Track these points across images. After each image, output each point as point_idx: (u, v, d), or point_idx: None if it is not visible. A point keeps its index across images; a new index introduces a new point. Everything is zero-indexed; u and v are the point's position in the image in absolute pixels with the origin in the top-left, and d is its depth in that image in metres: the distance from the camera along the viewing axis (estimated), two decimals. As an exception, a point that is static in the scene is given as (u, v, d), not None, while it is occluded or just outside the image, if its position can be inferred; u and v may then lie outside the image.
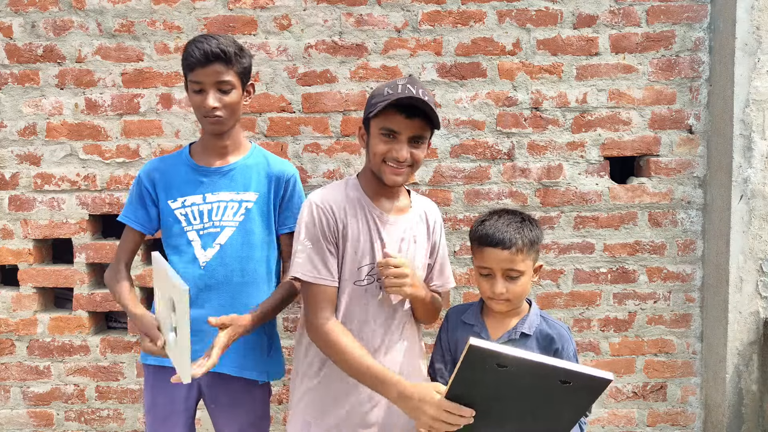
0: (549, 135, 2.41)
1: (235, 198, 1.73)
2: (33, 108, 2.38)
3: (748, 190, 2.29)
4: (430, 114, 1.46)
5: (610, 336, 2.46)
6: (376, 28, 2.37)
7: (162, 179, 1.75)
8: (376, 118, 1.48)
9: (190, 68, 1.63)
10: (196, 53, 1.60)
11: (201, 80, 1.63)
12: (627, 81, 2.40)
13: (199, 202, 1.72)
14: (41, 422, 2.45)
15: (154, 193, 1.75)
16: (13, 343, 2.43)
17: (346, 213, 1.53)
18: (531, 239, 1.54)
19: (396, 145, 1.47)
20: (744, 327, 2.32)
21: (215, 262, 1.70)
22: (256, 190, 1.75)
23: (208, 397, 1.76)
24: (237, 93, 1.67)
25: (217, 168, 1.74)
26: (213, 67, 1.61)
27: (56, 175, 2.39)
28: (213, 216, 1.72)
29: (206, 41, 1.61)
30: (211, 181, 1.73)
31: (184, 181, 1.74)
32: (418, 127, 1.47)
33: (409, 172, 1.52)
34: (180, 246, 1.73)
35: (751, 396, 2.34)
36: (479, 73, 2.39)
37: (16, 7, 2.35)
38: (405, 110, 1.44)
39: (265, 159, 1.80)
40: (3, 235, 2.41)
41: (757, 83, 2.26)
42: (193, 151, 1.79)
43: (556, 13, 2.37)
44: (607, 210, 2.43)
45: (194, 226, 1.72)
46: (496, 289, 1.52)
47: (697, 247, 2.45)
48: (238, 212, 1.72)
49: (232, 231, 1.72)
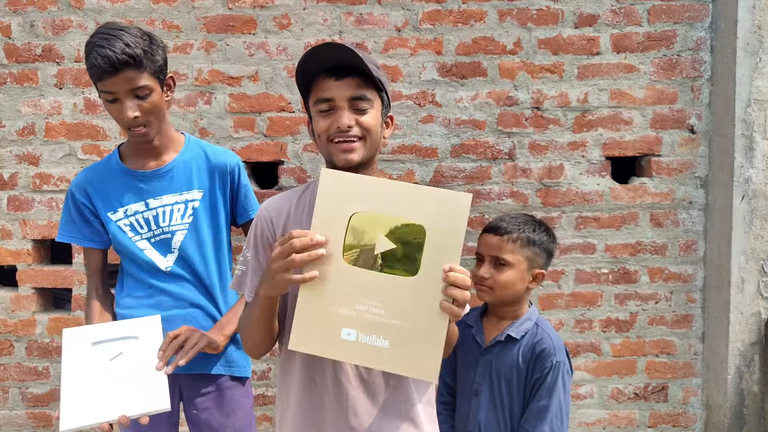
0: (550, 135, 2.40)
1: (179, 199, 1.62)
2: (32, 108, 2.37)
3: (749, 190, 2.28)
4: (361, 66, 1.22)
5: (611, 337, 2.46)
6: (376, 27, 2.36)
7: (96, 191, 1.62)
8: (310, 96, 1.29)
9: (98, 77, 1.45)
10: (100, 62, 1.41)
11: (113, 90, 1.46)
12: (628, 80, 2.39)
13: (142, 210, 1.61)
14: (40, 423, 2.44)
15: (92, 206, 1.62)
16: (12, 343, 2.42)
17: (288, 219, 1.33)
18: (529, 237, 1.54)
19: (336, 114, 1.24)
20: (745, 328, 2.31)
21: (179, 264, 1.63)
22: (200, 188, 1.64)
23: (188, 399, 1.69)
24: (156, 94, 1.51)
25: (155, 171, 1.61)
26: (123, 75, 1.43)
27: (55, 175, 2.38)
28: (160, 222, 1.61)
29: (109, 45, 1.41)
30: (151, 186, 1.61)
31: (121, 190, 1.61)
32: (354, 85, 1.24)
33: (362, 146, 1.26)
34: (134, 257, 1.63)
35: (752, 397, 2.33)
36: (480, 73, 2.38)
37: (14, 7, 2.34)
38: (332, 73, 1.23)
39: (202, 151, 1.67)
40: (2, 236, 2.40)
41: (758, 83, 2.25)
42: (123, 154, 1.65)
43: (557, 13, 2.36)
44: (608, 210, 2.42)
45: (143, 235, 1.61)
46: (480, 273, 1.53)
47: (698, 247, 2.44)
48: (186, 213, 1.62)
49: (183, 234, 1.62)
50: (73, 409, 1.38)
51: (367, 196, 1.10)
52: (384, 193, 1.10)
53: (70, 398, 1.40)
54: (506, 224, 1.55)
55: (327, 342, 1.13)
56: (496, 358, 1.56)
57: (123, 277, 1.70)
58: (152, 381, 1.44)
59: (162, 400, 1.42)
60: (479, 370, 1.58)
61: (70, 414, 1.37)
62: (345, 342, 1.12)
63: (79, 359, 1.45)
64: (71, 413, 1.37)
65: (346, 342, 1.12)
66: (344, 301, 1.11)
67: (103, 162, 1.67)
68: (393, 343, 1.11)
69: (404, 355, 1.12)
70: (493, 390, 1.55)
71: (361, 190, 1.10)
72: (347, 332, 1.12)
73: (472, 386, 1.59)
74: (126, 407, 1.39)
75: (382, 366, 1.15)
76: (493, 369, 1.56)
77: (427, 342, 1.11)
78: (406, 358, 1.12)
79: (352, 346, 1.12)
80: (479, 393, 1.56)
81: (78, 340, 1.47)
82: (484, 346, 1.59)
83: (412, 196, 1.10)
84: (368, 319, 1.11)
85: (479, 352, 1.59)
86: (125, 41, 1.42)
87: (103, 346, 1.48)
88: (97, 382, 1.43)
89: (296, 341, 1.13)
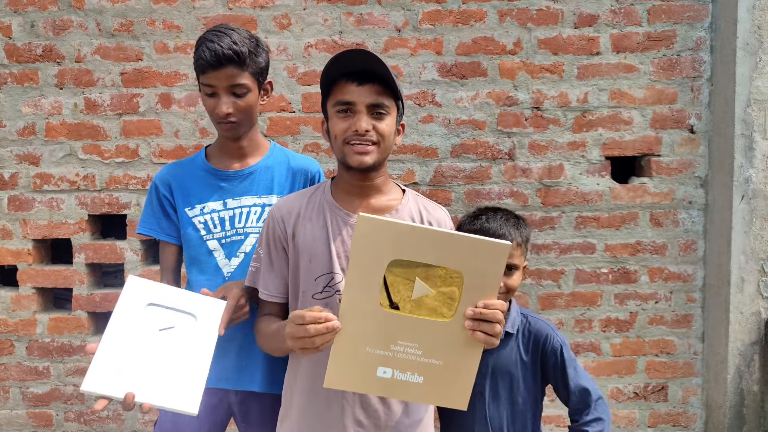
0: (550, 135, 2.40)
1: (258, 202, 1.61)
2: (32, 108, 2.38)
3: (749, 190, 2.28)
4: (385, 76, 1.28)
5: (611, 336, 2.46)
6: (377, 27, 2.36)
7: (178, 185, 1.63)
8: (330, 98, 1.34)
9: (202, 70, 1.50)
10: (207, 55, 1.46)
11: (213, 84, 1.50)
12: (628, 80, 2.39)
13: (219, 209, 1.60)
14: (41, 423, 2.44)
15: (172, 199, 1.63)
16: (13, 343, 2.42)
17: (298, 218, 1.37)
18: (526, 236, 1.61)
19: (354, 118, 1.30)
20: (745, 327, 2.31)
21: (240, 271, 1.57)
22: (279, 193, 1.62)
23: (239, 415, 1.65)
24: (253, 95, 1.55)
25: (237, 171, 1.62)
26: (226, 71, 1.48)
27: (55, 175, 2.39)
28: (236, 223, 1.60)
29: (218, 40, 1.46)
30: (232, 186, 1.61)
31: (202, 187, 1.62)
32: (374, 92, 1.29)
33: (376, 150, 1.31)
34: (199, 257, 1.61)
35: (752, 396, 2.33)
36: (480, 73, 2.38)
37: (15, 7, 2.34)
38: (356, 77, 1.29)
39: (286, 157, 1.68)
40: (2, 236, 2.40)
41: (758, 83, 2.25)
42: (210, 154, 1.67)
43: (557, 13, 2.36)
44: (608, 210, 2.43)
45: (215, 235, 1.60)
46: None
47: (698, 247, 2.44)
48: (262, 218, 1.60)
49: (256, 238, 1.59)
50: (102, 372, 1.26)
51: (404, 243, 1.10)
52: (421, 240, 1.10)
53: (104, 360, 1.28)
54: (507, 229, 1.57)
55: (363, 380, 1.16)
56: (494, 356, 1.58)
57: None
58: (190, 379, 1.32)
59: (192, 403, 1.30)
60: (480, 371, 1.58)
61: (97, 376, 1.25)
62: (380, 379, 1.15)
63: (129, 316, 1.34)
64: (98, 376, 1.26)
65: (382, 379, 1.15)
66: (381, 343, 1.14)
67: (189, 159, 1.69)
68: (427, 378, 1.15)
69: (438, 388, 1.16)
70: (497, 388, 1.59)
71: (397, 236, 1.10)
72: (383, 370, 1.15)
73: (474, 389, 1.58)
74: (154, 395, 1.27)
75: (416, 399, 1.20)
76: (494, 367, 1.58)
77: (460, 375, 1.16)
78: (439, 390, 1.16)
79: (388, 383, 1.15)
80: (483, 393, 1.58)
81: (138, 292, 1.37)
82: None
83: (450, 244, 1.10)
84: (404, 359, 1.14)
85: None
86: (233, 39, 1.47)
87: (159, 312, 1.37)
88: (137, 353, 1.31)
89: (332, 380, 1.15)
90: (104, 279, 2.53)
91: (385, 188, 1.42)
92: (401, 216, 1.40)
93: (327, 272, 1.34)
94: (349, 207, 1.37)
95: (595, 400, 1.58)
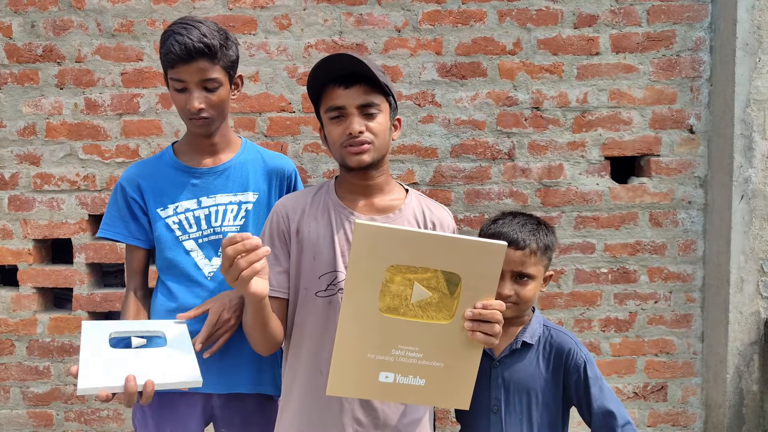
0: (549, 135, 2.41)
1: (233, 200, 1.57)
2: (32, 108, 2.38)
3: (749, 190, 2.28)
4: (369, 74, 1.29)
5: (610, 336, 2.46)
6: (376, 27, 2.37)
7: (148, 185, 1.56)
8: (321, 105, 1.36)
9: (171, 65, 1.44)
10: (176, 48, 1.40)
11: (184, 78, 1.44)
12: (628, 81, 2.39)
13: (193, 207, 1.55)
14: (41, 422, 2.45)
15: (142, 201, 1.56)
16: (13, 343, 2.43)
17: (303, 215, 1.39)
18: (546, 244, 1.47)
19: (347, 121, 1.31)
20: (745, 327, 2.32)
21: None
22: (255, 190, 1.59)
23: (221, 419, 1.60)
24: (224, 89, 1.50)
25: (211, 168, 1.57)
26: (197, 65, 1.43)
27: (56, 175, 2.39)
28: (212, 222, 1.55)
29: (187, 33, 1.41)
30: (205, 183, 1.56)
31: (174, 185, 1.55)
32: (362, 92, 1.31)
33: (372, 149, 1.33)
34: (176, 258, 1.55)
35: (751, 396, 2.33)
36: (480, 73, 2.39)
37: (15, 7, 2.35)
38: (342, 80, 1.31)
39: (259, 155, 1.64)
40: (2, 235, 2.40)
41: (757, 83, 2.26)
42: (178, 150, 1.61)
43: (557, 13, 2.37)
44: (607, 210, 2.43)
45: (191, 235, 1.55)
46: (504, 291, 1.42)
47: (697, 247, 2.44)
48: (239, 215, 1.57)
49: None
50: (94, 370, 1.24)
51: (402, 248, 1.11)
52: (418, 244, 1.11)
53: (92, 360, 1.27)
54: (523, 235, 1.45)
55: (365, 386, 1.17)
56: (510, 369, 1.48)
57: (157, 290, 1.61)
58: (181, 358, 1.32)
59: (194, 374, 1.29)
60: (494, 384, 1.48)
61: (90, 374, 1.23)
62: (383, 384, 1.16)
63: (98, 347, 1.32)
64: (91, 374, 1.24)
65: (384, 384, 1.16)
66: (381, 348, 1.15)
67: (155, 157, 1.63)
68: (429, 381, 1.16)
69: (440, 389, 1.17)
70: (513, 403, 1.47)
71: (395, 241, 1.10)
72: (385, 375, 1.16)
73: (489, 402, 1.48)
74: (154, 375, 1.25)
75: (418, 402, 1.21)
76: (509, 381, 1.48)
77: (461, 375, 1.17)
78: (441, 391, 1.18)
79: (390, 387, 1.16)
80: (499, 409, 1.47)
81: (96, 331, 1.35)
82: (496, 357, 1.49)
83: (447, 247, 1.11)
84: (405, 363, 1.15)
85: (490, 365, 1.48)
86: (202, 31, 1.43)
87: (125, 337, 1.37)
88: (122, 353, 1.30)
89: (333, 387, 1.16)
90: (104, 279, 2.53)
91: (387, 188, 1.43)
92: (404, 215, 1.40)
93: (331, 270, 1.35)
94: (353, 206, 1.39)
95: (622, 426, 1.43)
